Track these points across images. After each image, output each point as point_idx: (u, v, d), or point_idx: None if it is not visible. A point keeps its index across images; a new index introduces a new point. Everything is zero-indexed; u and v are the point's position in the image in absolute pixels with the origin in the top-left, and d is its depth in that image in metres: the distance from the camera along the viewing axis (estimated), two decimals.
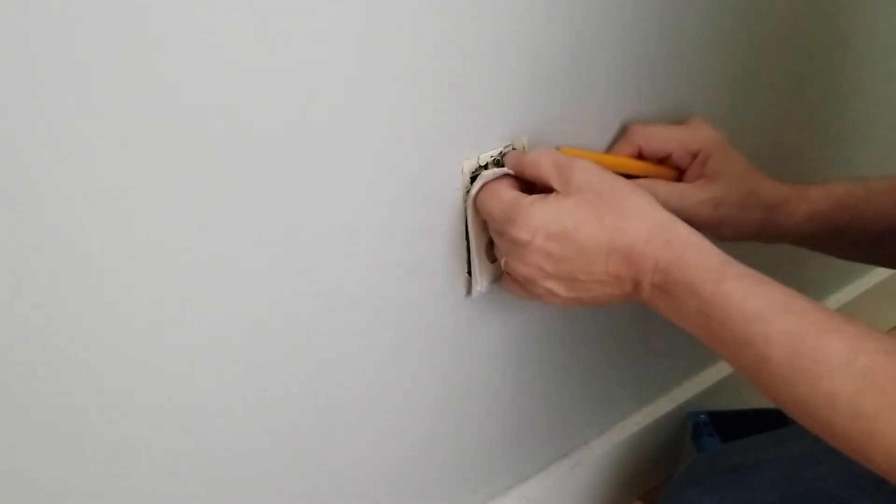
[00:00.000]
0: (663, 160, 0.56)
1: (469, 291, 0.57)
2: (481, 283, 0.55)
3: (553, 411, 0.74)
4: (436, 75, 0.45)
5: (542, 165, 0.47)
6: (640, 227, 0.44)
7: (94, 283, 0.38)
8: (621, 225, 0.45)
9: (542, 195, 0.47)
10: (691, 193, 0.55)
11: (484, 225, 0.53)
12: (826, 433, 0.39)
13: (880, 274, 1.08)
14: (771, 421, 0.84)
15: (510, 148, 0.52)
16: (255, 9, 0.37)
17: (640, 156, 0.56)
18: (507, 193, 0.48)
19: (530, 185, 0.50)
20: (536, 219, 0.45)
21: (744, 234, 0.57)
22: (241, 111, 0.39)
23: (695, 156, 0.55)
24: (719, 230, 0.56)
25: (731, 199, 0.55)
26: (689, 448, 0.86)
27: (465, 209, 0.52)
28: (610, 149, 0.58)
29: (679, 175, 0.57)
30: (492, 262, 0.55)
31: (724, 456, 0.65)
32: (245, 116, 0.39)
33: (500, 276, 0.57)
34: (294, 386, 0.51)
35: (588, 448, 0.80)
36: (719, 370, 0.91)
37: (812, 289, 1.00)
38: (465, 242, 0.54)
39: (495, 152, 0.51)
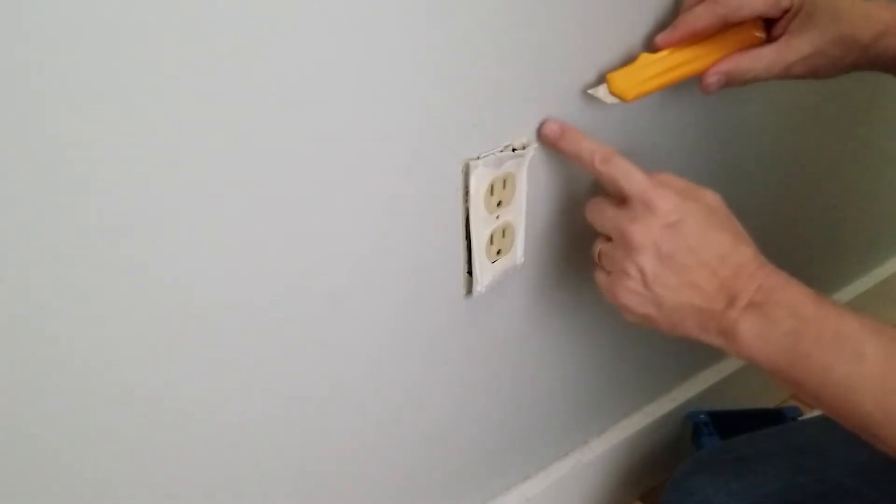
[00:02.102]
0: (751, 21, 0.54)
1: (469, 291, 0.57)
2: (481, 283, 0.55)
3: (553, 411, 0.74)
4: (435, 75, 0.45)
5: (680, 180, 0.49)
6: (753, 254, 0.47)
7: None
8: (741, 245, 0.47)
9: None
10: (781, 57, 0.53)
11: (484, 224, 0.53)
12: None
13: (880, 274, 1.08)
14: (770, 420, 0.84)
15: (510, 148, 0.52)
16: (255, 6, 0.37)
17: (725, 25, 0.52)
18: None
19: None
20: (681, 200, 0.47)
21: (841, 73, 0.56)
22: (241, 110, 0.39)
23: (785, 11, 0.53)
24: (815, 75, 0.55)
25: (824, 49, 0.53)
26: (689, 448, 0.86)
27: (466, 209, 0.52)
28: (688, 18, 0.52)
29: (765, 32, 0.54)
30: (492, 263, 0.55)
31: (730, 447, 0.65)
32: (244, 115, 0.39)
33: (500, 277, 0.57)
34: (293, 386, 0.51)
35: (588, 448, 0.80)
36: (719, 370, 0.91)
37: (812, 288, 1.00)
38: (465, 242, 0.54)
39: (495, 152, 0.51)
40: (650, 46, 0.53)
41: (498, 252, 0.55)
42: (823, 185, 0.89)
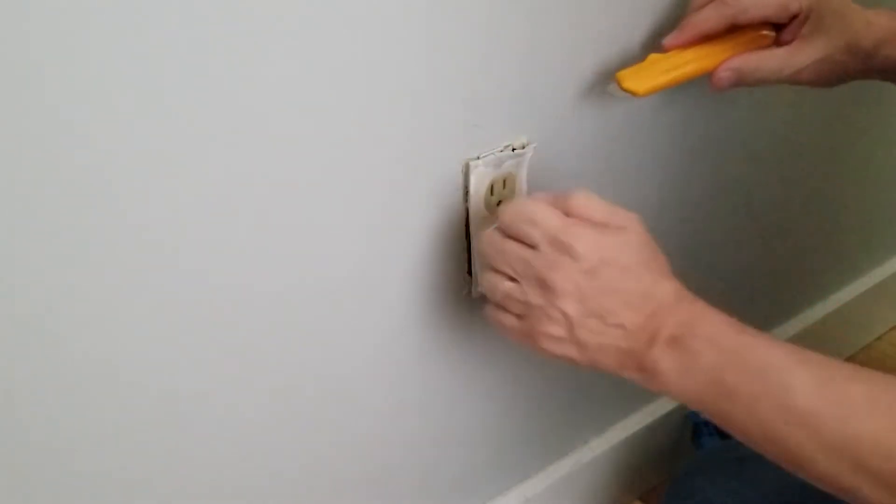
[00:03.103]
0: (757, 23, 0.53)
1: (469, 291, 0.57)
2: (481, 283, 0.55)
3: (553, 411, 0.74)
4: (435, 76, 0.45)
5: (597, 208, 0.46)
6: (672, 287, 0.45)
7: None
8: (660, 280, 0.45)
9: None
10: (792, 60, 0.53)
11: (484, 224, 0.53)
12: (850, 475, 0.39)
13: (880, 274, 1.08)
14: None
15: (510, 148, 0.52)
16: (258, 7, 0.37)
17: (733, 26, 0.52)
18: (557, 211, 0.46)
19: None
20: (600, 240, 0.44)
21: (845, 81, 0.56)
22: (242, 110, 0.39)
23: (794, 15, 0.52)
24: (820, 83, 0.55)
25: (833, 55, 0.53)
26: (690, 448, 0.86)
27: (466, 209, 0.52)
28: (696, 19, 0.51)
29: (774, 35, 0.54)
30: None
31: (730, 447, 0.65)
32: (244, 115, 0.39)
33: None
34: (293, 386, 0.51)
35: (588, 448, 0.80)
36: None
37: (812, 289, 1.00)
38: (465, 242, 0.54)
39: (495, 152, 0.51)
40: (658, 48, 0.53)
41: None
42: (822, 186, 0.89)
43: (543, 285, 0.45)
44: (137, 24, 0.34)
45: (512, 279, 0.46)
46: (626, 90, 0.51)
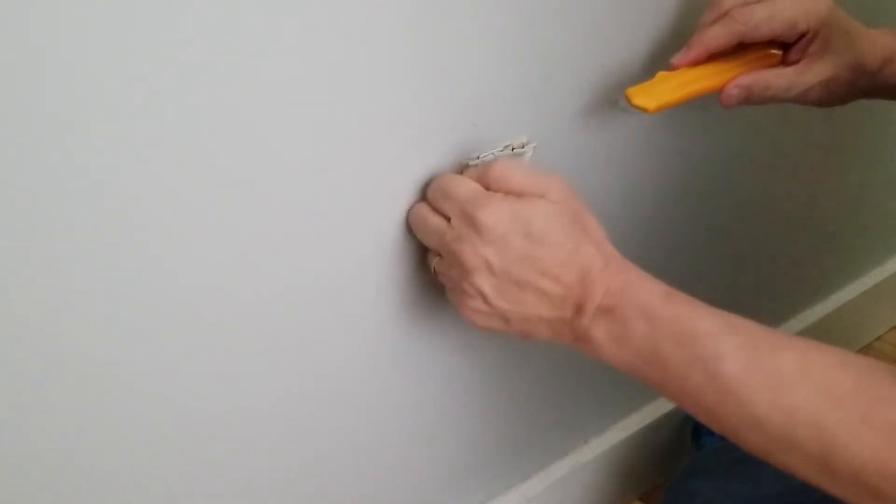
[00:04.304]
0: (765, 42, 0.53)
1: None
2: None
3: (553, 411, 0.74)
4: (434, 75, 0.45)
5: (515, 175, 0.45)
6: (596, 253, 0.44)
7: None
8: (583, 245, 0.44)
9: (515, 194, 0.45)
10: (801, 79, 0.53)
11: None
12: (782, 448, 0.38)
13: (880, 274, 1.08)
14: None
15: (509, 148, 0.52)
16: (259, 7, 0.37)
17: (741, 44, 0.52)
18: (474, 182, 0.46)
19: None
20: (507, 210, 0.43)
21: (851, 100, 0.56)
22: (242, 111, 0.39)
23: (802, 35, 0.52)
24: (828, 103, 0.55)
25: (840, 75, 0.54)
26: (689, 448, 0.86)
27: None
28: (705, 37, 0.51)
29: (781, 53, 0.54)
30: None
31: (730, 448, 0.65)
32: (245, 115, 0.39)
33: None
34: (291, 385, 0.51)
35: (588, 448, 0.80)
36: None
37: (812, 289, 1.00)
38: None
39: (495, 152, 0.51)
40: (664, 61, 0.53)
41: None
42: (822, 185, 0.89)
43: (455, 259, 0.45)
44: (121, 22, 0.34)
45: (438, 255, 0.47)
46: (636, 107, 0.51)
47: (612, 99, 0.54)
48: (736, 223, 0.78)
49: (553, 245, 0.43)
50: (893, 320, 1.17)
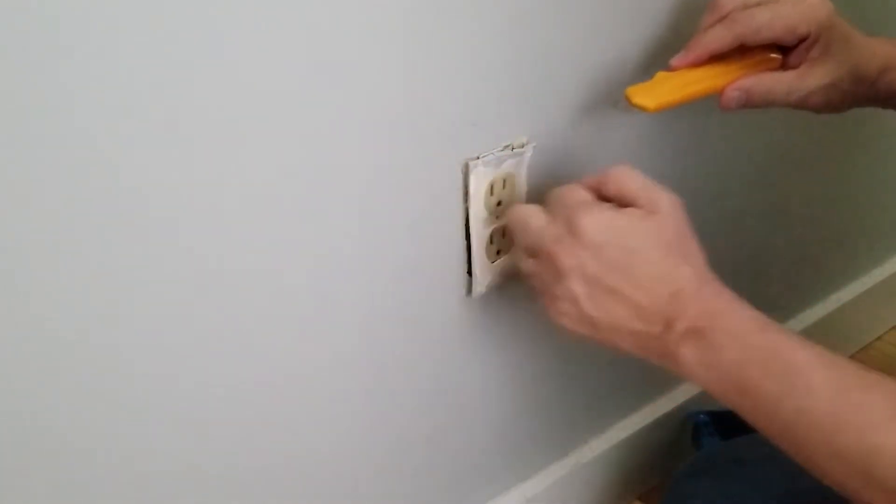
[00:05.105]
0: (765, 45, 0.53)
1: (469, 291, 0.56)
2: (481, 283, 0.55)
3: (553, 411, 0.74)
4: (434, 75, 0.45)
5: (630, 184, 0.46)
6: (693, 274, 0.45)
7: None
8: (681, 265, 0.45)
9: (622, 207, 0.46)
10: (801, 84, 0.53)
11: (484, 224, 0.53)
12: (863, 485, 0.39)
13: (881, 274, 1.08)
14: None
15: (509, 148, 0.52)
16: (259, 7, 0.37)
17: (742, 47, 0.52)
18: (586, 192, 0.47)
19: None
20: (609, 219, 0.45)
21: (849, 107, 0.56)
22: (242, 111, 0.39)
23: (802, 39, 0.52)
24: (828, 109, 0.55)
25: (840, 81, 0.53)
26: (690, 449, 0.86)
27: (466, 209, 0.52)
28: (705, 38, 0.51)
29: (781, 58, 0.54)
30: (492, 262, 0.55)
31: (729, 449, 0.65)
32: (245, 115, 0.39)
33: (500, 276, 0.57)
34: (291, 385, 0.50)
35: (588, 448, 0.80)
36: None
37: (812, 289, 1.00)
38: (464, 242, 0.54)
39: (494, 152, 0.51)
40: (663, 63, 0.53)
41: (498, 252, 0.55)
42: (822, 185, 0.89)
43: (551, 260, 0.45)
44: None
45: (533, 255, 0.48)
46: (636, 106, 0.51)
47: (612, 100, 0.54)
48: (735, 224, 0.78)
49: (649, 260, 0.44)
50: (893, 320, 1.17)
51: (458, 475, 0.68)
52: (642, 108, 0.50)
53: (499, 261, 0.56)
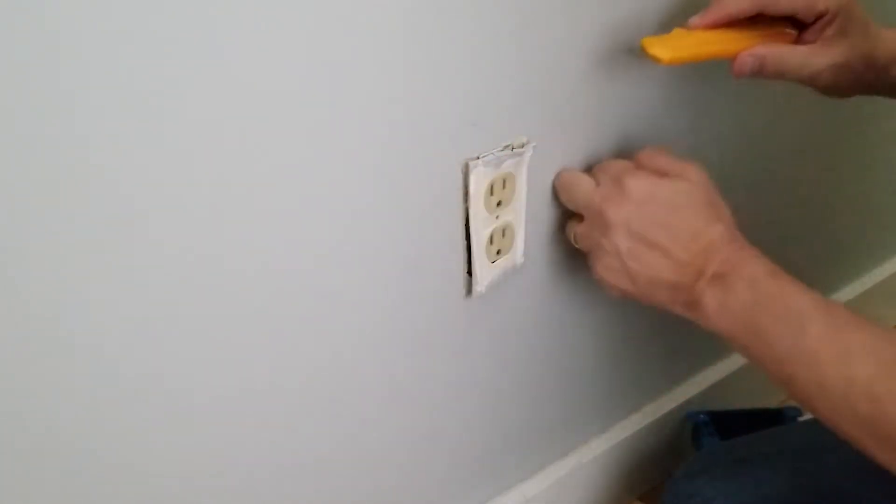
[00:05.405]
0: (783, 18, 0.53)
1: (469, 291, 0.57)
2: (481, 283, 0.55)
3: (553, 411, 0.74)
4: (434, 75, 0.45)
5: (661, 157, 0.52)
6: (725, 231, 0.50)
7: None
8: (714, 222, 0.50)
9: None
10: (814, 60, 0.53)
11: (484, 224, 0.53)
12: (844, 418, 0.43)
13: (880, 274, 1.08)
14: (771, 421, 0.84)
15: (509, 147, 0.52)
16: (259, 7, 0.37)
17: (760, 14, 0.52)
18: (628, 161, 0.53)
19: None
20: (652, 181, 0.51)
21: (857, 93, 0.57)
22: (242, 111, 0.39)
23: (819, 16, 0.52)
24: (836, 91, 0.56)
25: (852, 63, 0.54)
26: (689, 448, 0.86)
27: (466, 209, 0.52)
28: (724, 1, 0.51)
29: (796, 34, 0.54)
30: (492, 263, 0.55)
31: (730, 449, 0.65)
32: (244, 116, 0.39)
33: (500, 277, 0.57)
34: (291, 385, 0.51)
35: (588, 447, 0.80)
36: (720, 370, 0.91)
37: (812, 289, 1.00)
38: (464, 242, 0.54)
39: (494, 152, 0.51)
40: (684, 26, 0.52)
41: (498, 252, 0.55)
42: (822, 185, 0.89)
43: (599, 217, 0.51)
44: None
45: (581, 218, 0.54)
46: (651, 56, 0.50)
47: (628, 47, 0.54)
48: (734, 223, 0.78)
49: (688, 217, 0.50)
50: (893, 320, 1.17)
51: (458, 474, 0.68)
52: (656, 59, 0.50)
53: (499, 261, 0.56)
